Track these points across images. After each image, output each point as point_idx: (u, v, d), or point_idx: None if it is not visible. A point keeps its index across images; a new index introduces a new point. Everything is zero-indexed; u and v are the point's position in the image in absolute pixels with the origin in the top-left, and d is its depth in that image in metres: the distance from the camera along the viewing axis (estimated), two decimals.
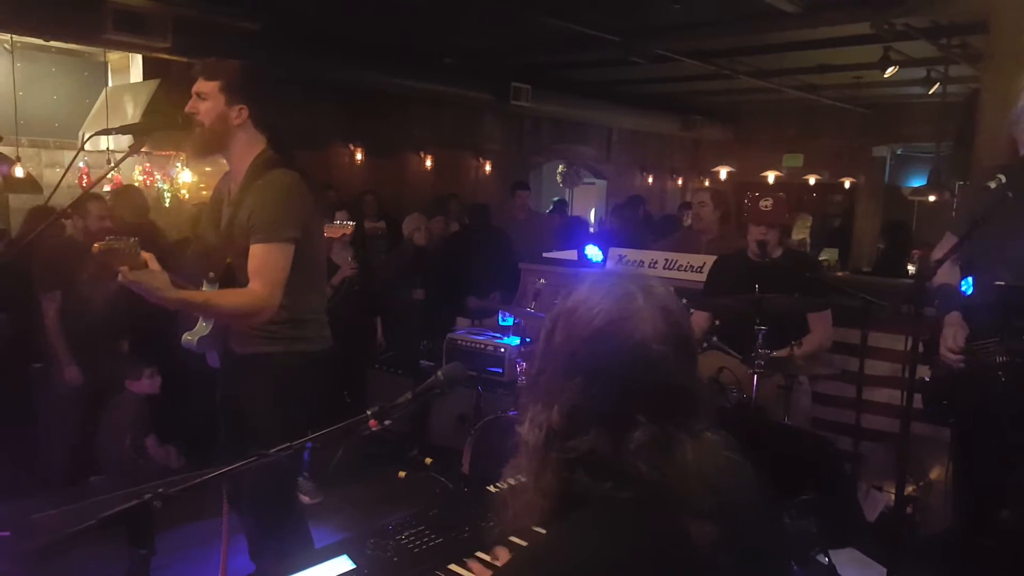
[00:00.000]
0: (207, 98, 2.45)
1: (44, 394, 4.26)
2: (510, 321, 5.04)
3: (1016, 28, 4.82)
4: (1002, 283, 2.18)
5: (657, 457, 1.00)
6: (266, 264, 2.37)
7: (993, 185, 2.14)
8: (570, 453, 1.03)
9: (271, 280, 2.37)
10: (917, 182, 10.97)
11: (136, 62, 6.94)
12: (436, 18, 6.47)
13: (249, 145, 2.53)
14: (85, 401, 4.18)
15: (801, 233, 9.65)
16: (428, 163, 9.31)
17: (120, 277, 2.13)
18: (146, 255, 2.17)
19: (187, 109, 2.46)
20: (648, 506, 1.00)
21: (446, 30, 7.01)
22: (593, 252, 5.42)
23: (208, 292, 2.42)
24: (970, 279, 2.45)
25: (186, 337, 2.51)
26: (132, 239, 2.12)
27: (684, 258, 4.92)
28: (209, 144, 2.50)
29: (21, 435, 4.18)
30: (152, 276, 2.16)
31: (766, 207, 3.60)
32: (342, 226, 3.72)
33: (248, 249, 2.39)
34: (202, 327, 2.50)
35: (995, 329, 2.23)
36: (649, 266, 5.10)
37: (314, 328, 2.59)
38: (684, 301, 3.93)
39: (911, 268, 8.20)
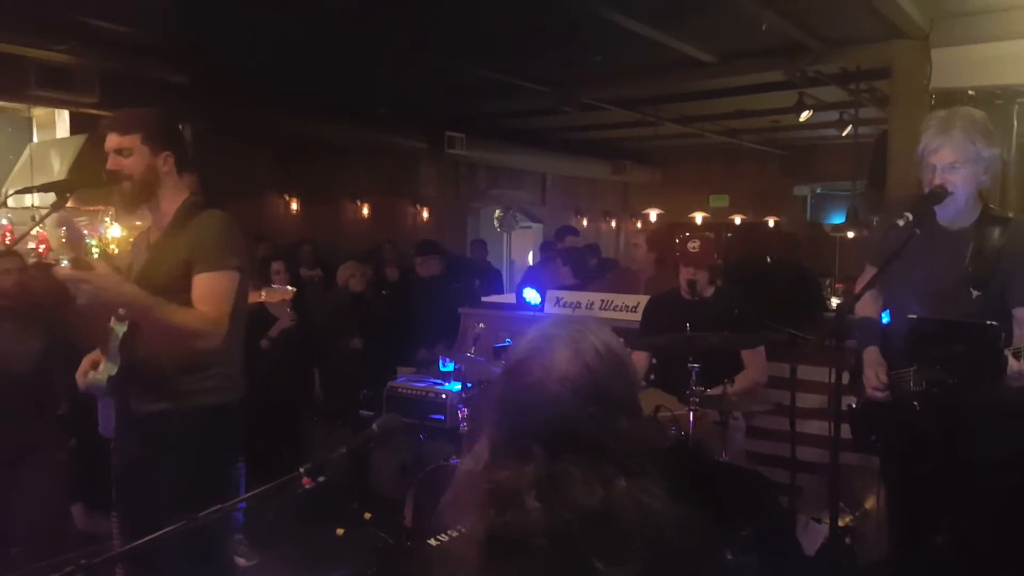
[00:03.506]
0: (131, 153, 2.39)
1: None
2: (451, 367, 5.01)
3: (916, 73, 5.18)
4: (914, 316, 2.30)
5: (550, 494, 1.03)
6: (213, 291, 2.33)
7: (901, 223, 2.27)
8: (490, 484, 1.08)
9: (219, 306, 2.32)
10: (837, 219, 11.46)
11: (63, 117, 6.76)
12: (369, 69, 6.53)
13: (176, 191, 2.49)
14: (1, 469, 3.96)
15: None
16: (365, 211, 9.28)
17: (60, 271, 2.10)
18: (94, 261, 2.13)
19: (109, 167, 2.39)
20: (563, 553, 1.01)
21: (380, 80, 7.07)
22: (531, 295, 5.47)
23: (157, 301, 2.26)
24: (887, 311, 2.57)
25: (94, 376, 2.33)
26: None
27: (619, 298, 5.02)
28: (140, 197, 2.44)
29: None
30: (99, 273, 2.11)
31: (694, 248, 3.71)
32: (282, 290, 3.63)
33: (171, 287, 2.32)
34: (109, 366, 2.33)
35: (910, 359, 2.34)
36: (586, 307, 5.17)
37: (227, 378, 2.47)
38: (622, 341, 3.95)
39: (835, 300, 8.51)
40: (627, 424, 1.10)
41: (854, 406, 2.56)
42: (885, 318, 2.50)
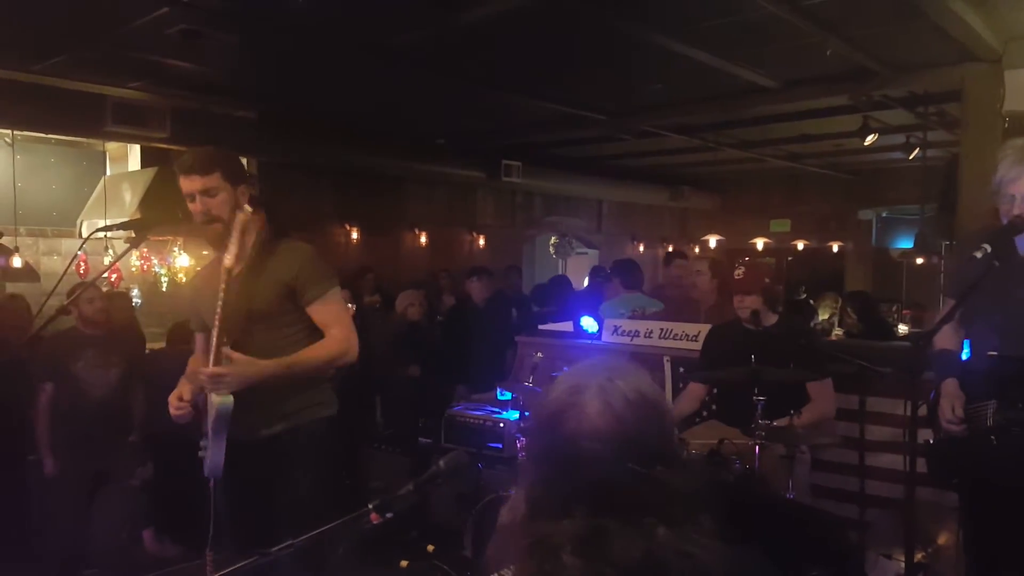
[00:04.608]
0: (217, 192, 2.45)
1: (39, 486, 4.19)
2: (508, 395, 5.01)
3: (989, 96, 5.01)
4: (995, 353, 2.22)
5: (589, 550, 1.00)
6: (335, 311, 2.53)
7: (979, 255, 2.19)
8: (528, 537, 1.05)
9: (347, 324, 2.54)
10: (904, 243, 11.11)
11: (134, 151, 7.09)
12: (428, 102, 6.66)
13: (251, 224, 2.58)
14: (78, 491, 4.11)
15: (826, 313, 9.28)
16: (423, 239, 9.42)
17: (209, 375, 2.23)
18: (229, 352, 2.29)
19: (198, 208, 2.45)
20: None
21: (438, 113, 7.20)
22: (589, 323, 5.44)
23: (293, 356, 2.45)
24: (967, 342, 2.48)
25: (222, 402, 2.35)
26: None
27: (679, 327, 4.94)
28: (231, 233, 2.49)
29: (17, 530, 4.09)
30: (235, 367, 2.26)
31: (739, 276, 3.65)
32: None
33: (269, 312, 2.48)
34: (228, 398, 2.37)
35: (989, 395, 2.25)
36: (645, 336, 5.11)
37: (331, 392, 2.67)
38: (682, 370, 3.87)
39: (903, 328, 8.22)
40: (665, 472, 1.06)
41: (931, 441, 2.46)
42: (965, 351, 2.41)
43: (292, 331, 2.53)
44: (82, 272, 6.06)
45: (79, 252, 5.92)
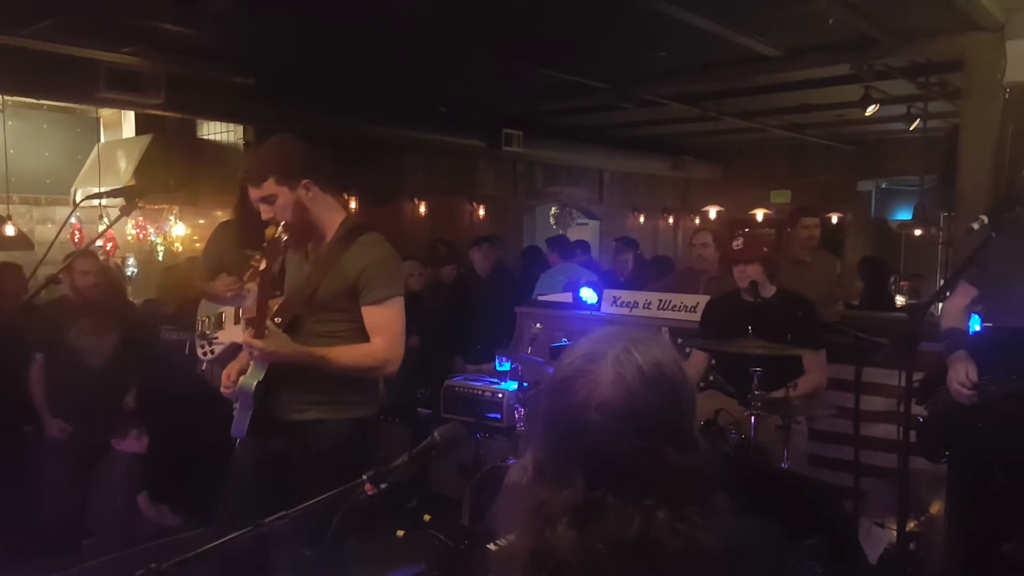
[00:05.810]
0: (275, 197, 2.42)
1: (37, 456, 4.22)
2: (507, 366, 5.03)
3: (990, 66, 4.96)
4: (990, 324, 2.21)
5: (584, 523, 0.99)
6: (387, 320, 2.44)
7: (976, 227, 2.17)
8: (532, 501, 1.05)
9: (394, 335, 2.46)
10: (903, 215, 11.07)
11: (128, 117, 7.00)
12: (429, 69, 6.59)
13: (330, 211, 2.55)
14: (77, 461, 4.13)
15: None
16: (423, 209, 9.37)
17: (244, 340, 2.26)
18: (270, 325, 2.29)
19: (264, 218, 2.44)
20: None
21: (439, 81, 7.12)
22: (588, 294, 5.44)
23: (327, 348, 2.40)
24: (977, 316, 2.48)
25: (244, 380, 2.37)
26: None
27: (678, 298, 4.96)
28: (304, 232, 2.48)
29: (16, 500, 4.12)
30: (275, 337, 2.27)
31: (738, 246, 3.66)
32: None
33: (332, 305, 2.45)
34: (256, 371, 2.37)
35: (987, 368, 2.25)
36: (643, 307, 5.12)
37: (371, 393, 2.59)
38: (680, 341, 3.91)
39: (900, 299, 8.24)
40: (674, 453, 1.03)
41: (921, 420, 2.47)
42: (974, 323, 2.41)
43: (343, 327, 2.48)
44: (76, 241, 6.02)
45: (72, 220, 5.85)
